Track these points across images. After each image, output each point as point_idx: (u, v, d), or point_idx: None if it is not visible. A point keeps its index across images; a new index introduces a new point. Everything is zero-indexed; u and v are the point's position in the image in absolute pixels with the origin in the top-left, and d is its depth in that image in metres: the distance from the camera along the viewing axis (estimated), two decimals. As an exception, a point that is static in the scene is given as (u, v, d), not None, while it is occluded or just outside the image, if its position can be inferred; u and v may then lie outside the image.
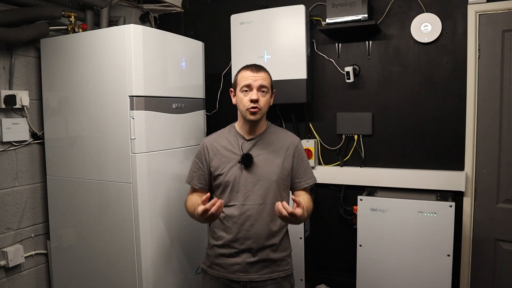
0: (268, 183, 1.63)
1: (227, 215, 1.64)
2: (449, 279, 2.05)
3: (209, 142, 1.73)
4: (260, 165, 1.63)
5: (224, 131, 1.75)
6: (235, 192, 1.63)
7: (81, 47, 2.10)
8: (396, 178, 2.39)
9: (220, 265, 1.66)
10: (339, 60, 2.53)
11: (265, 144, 1.68)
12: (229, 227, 1.63)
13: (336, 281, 2.64)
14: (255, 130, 1.68)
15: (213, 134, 1.77)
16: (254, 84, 1.60)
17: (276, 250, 1.66)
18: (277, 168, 1.65)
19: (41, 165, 2.33)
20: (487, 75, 2.18)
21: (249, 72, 1.62)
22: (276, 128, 1.76)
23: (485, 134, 2.20)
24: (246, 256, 1.62)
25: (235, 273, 1.63)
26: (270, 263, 1.64)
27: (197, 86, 2.44)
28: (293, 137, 1.75)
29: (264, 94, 1.62)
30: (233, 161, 1.64)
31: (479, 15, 2.16)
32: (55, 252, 2.30)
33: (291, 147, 1.70)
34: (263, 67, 1.67)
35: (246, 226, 1.61)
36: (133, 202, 1.99)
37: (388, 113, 2.43)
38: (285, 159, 1.67)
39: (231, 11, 2.58)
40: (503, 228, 2.18)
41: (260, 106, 1.60)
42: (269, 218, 1.63)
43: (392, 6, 2.36)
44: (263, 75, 1.63)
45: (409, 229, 2.13)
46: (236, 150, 1.66)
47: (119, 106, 1.99)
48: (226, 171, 1.64)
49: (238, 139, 1.68)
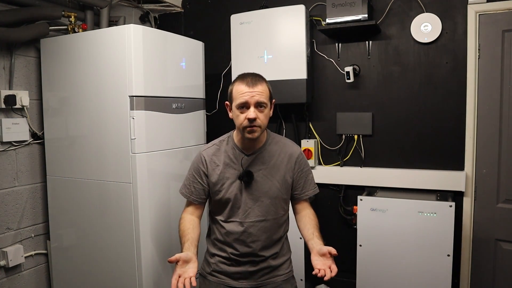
0: (269, 200, 1.58)
1: (228, 231, 1.60)
2: (449, 279, 2.05)
3: (207, 155, 1.62)
4: (261, 181, 1.57)
5: (222, 143, 1.64)
6: (236, 208, 1.59)
7: (81, 47, 2.10)
8: (396, 178, 2.39)
9: (221, 273, 1.64)
10: (339, 60, 2.53)
11: (266, 158, 1.60)
12: (230, 243, 1.60)
13: (336, 281, 2.63)
14: (254, 145, 1.60)
15: (211, 145, 1.66)
16: (250, 101, 1.46)
17: (277, 257, 1.65)
18: (278, 183, 1.59)
19: (41, 165, 2.33)
20: (487, 75, 2.18)
21: (244, 87, 1.47)
22: (276, 138, 1.66)
23: (485, 134, 2.20)
24: (248, 266, 1.61)
25: (237, 280, 1.62)
26: (270, 269, 1.64)
27: (197, 86, 2.44)
28: (294, 147, 1.66)
29: (262, 110, 1.49)
30: (232, 177, 1.58)
31: (479, 15, 2.16)
32: (55, 252, 2.30)
33: (292, 159, 1.62)
34: (259, 79, 1.52)
35: (247, 242, 1.58)
36: (133, 202, 1.99)
37: (388, 113, 2.43)
38: (286, 172, 1.61)
39: (231, 11, 2.58)
40: (503, 228, 2.18)
41: (258, 123, 1.48)
42: (270, 232, 1.60)
43: (392, 6, 2.36)
44: (260, 89, 1.48)
45: (409, 229, 2.13)
46: (236, 166, 1.58)
47: (119, 106, 1.99)
48: (226, 188, 1.58)
49: (238, 154, 1.59)
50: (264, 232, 1.60)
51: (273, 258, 1.64)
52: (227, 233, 1.60)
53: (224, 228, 1.60)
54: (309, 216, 1.64)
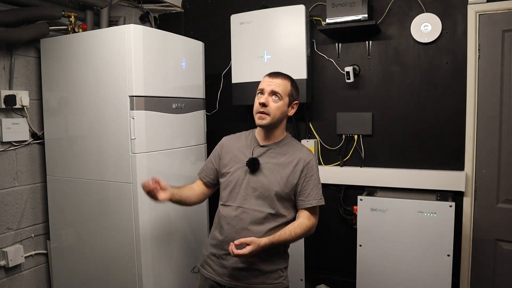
0: (268, 193, 1.58)
1: (222, 215, 1.63)
2: (449, 279, 2.05)
3: (227, 140, 1.75)
4: (266, 174, 1.59)
5: (245, 133, 1.75)
6: (235, 193, 1.62)
7: (81, 47, 2.10)
8: (396, 178, 2.39)
9: (210, 266, 1.65)
10: (339, 60, 2.53)
11: (277, 154, 1.62)
12: (222, 227, 1.62)
13: (336, 281, 2.64)
14: (270, 138, 1.64)
15: (235, 134, 1.78)
16: (266, 89, 1.57)
17: (266, 260, 1.58)
18: (281, 181, 1.58)
19: (41, 165, 2.33)
20: (487, 75, 2.18)
21: (267, 77, 1.61)
22: (293, 141, 1.69)
23: (485, 134, 2.20)
24: (234, 261, 1.57)
25: (222, 277, 1.61)
26: (258, 273, 1.58)
27: (197, 86, 2.44)
28: (307, 153, 1.65)
29: (276, 100, 1.56)
30: (241, 163, 1.63)
31: (479, 15, 2.16)
32: (55, 252, 2.30)
33: (301, 163, 1.60)
34: (283, 75, 1.61)
35: (237, 228, 1.57)
36: (133, 202, 1.99)
37: (388, 113, 2.43)
38: (292, 174, 1.59)
39: (231, 11, 2.58)
40: (503, 228, 2.18)
41: (268, 111, 1.55)
42: (263, 227, 1.57)
43: (392, 6, 2.36)
44: (279, 82, 1.57)
45: (409, 229, 2.13)
46: (248, 153, 1.64)
47: (119, 106, 1.99)
48: (232, 171, 1.64)
49: (253, 143, 1.67)
50: (256, 223, 1.56)
51: (261, 259, 1.57)
52: (222, 217, 1.64)
53: (221, 213, 1.65)
54: (298, 224, 1.57)
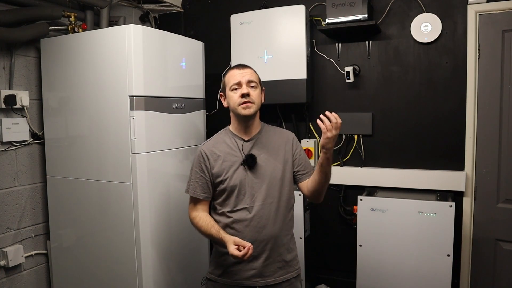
0: (274, 181, 1.62)
1: (236, 220, 1.60)
2: (449, 279, 2.05)
3: (207, 148, 1.66)
4: (263, 165, 1.62)
5: (219, 135, 1.71)
6: (241, 195, 1.60)
7: (81, 47, 2.10)
8: (396, 178, 2.39)
9: (235, 272, 1.62)
10: (339, 60, 2.53)
11: (264, 143, 1.66)
12: (240, 231, 1.58)
13: (336, 281, 2.64)
14: (251, 130, 1.66)
15: (209, 140, 1.72)
16: (242, 80, 1.59)
17: (288, 249, 1.66)
18: (280, 165, 1.64)
19: (41, 165, 2.33)
20: (487, 75, 2.18)
21: (235, 70, 1.63)
22: (270, 127, 1.75)
23: (485, 134, 2.20)
24: (262, 259, 1.60)
25: (250, 279, 1.60)
26: (284, 264, 1.64)
27: (197, 86, 2.44)
28: (287, 132, 1.75)
29: (254, 89, 1.61)
30: (235, 164, 1.61)
31: (479, 15, 2.16)
32: (55, 252, 2.30)
33: (289, 141, 1.70)
34: (247, 65, 1.68)
35: (258, 227, 1.58)
36: (133, 202, 1.99)
37: (388, 113, 2.43)
38: (286, 153, 1.67)
39: (231, 11, 2.58)
40: (503, 228, 2.18)
41: (252, 99, 1.59)
42: (279, 216, 1.62)
43: (392, 6, 2.36)
44: (250, 71, 1.64)
45: (409, 229, 2.13)
46: (237, 153, 1.63)
47: (119, 106, 1.99)
48: (230, 175, 1.61)
49: (237, 141, 1.65)
50: (273, 215, 1.61)
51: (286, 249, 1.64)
52: (236, 221, 1.60)
53: (231, 217, 1.61)
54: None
